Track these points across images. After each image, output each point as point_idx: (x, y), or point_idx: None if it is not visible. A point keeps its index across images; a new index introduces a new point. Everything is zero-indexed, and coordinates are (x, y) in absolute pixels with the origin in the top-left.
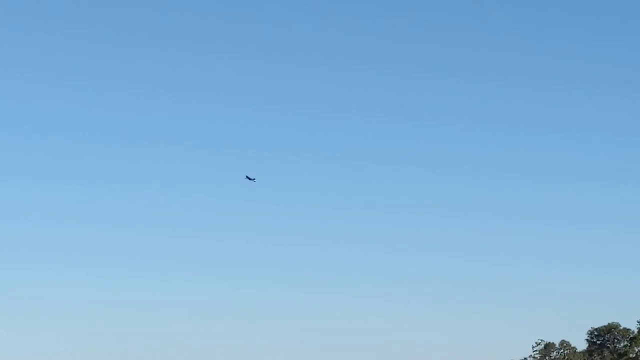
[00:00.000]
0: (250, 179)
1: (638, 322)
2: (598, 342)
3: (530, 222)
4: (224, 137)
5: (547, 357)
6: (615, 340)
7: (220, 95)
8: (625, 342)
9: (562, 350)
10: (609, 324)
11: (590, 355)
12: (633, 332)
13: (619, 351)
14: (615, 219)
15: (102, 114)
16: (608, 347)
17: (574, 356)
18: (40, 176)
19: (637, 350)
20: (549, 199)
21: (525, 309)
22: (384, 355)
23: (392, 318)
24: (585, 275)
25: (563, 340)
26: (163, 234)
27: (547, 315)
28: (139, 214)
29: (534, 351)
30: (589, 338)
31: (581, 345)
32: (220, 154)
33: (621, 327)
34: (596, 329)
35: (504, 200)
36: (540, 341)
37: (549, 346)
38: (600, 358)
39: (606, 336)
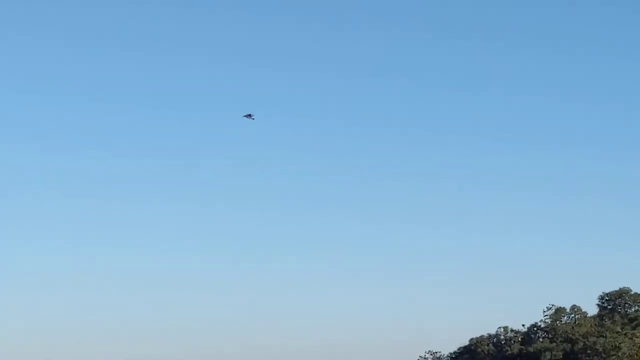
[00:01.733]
0: (249, 116)
1: None
2: (609, 307)
3: (542, 190)
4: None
5: (557, 322)
6: (626, 305)
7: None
8: (636, 307)
9: (572, 315)
10: (620, 288)
11: (601, 320)
12: None
13: (629, 316)
14: (625, 187)
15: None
16: (619, 312)
17: (584, 321)
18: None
19: None
20: (561, 168)
21: (537, 274)
22: (405, 320)
23: (409, 287)
24: (597, 240)
25: (574, 305)
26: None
27: (558, 280)
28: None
29: (544, 316)
30: (599, 303)
31: (592, 310)
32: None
33: (632, 292)
34: (607, 294)
35: (515, 169)
36: (551, 306)
37: (559, 311)
38: (611, 323)
39: (617, 301)
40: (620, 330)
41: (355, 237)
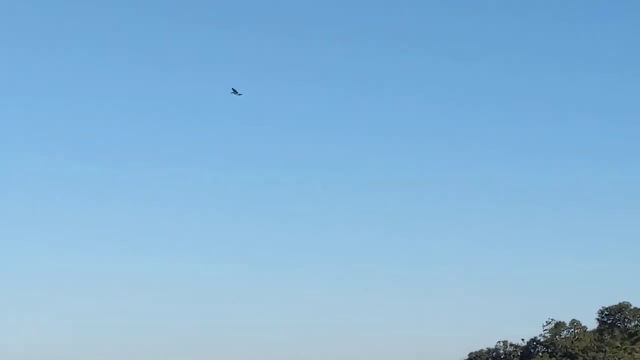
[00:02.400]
0: (236, 92)
1: None
2: (609, 321)
3: (542, 203)
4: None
5: (557, 336)
6: (626, 320)
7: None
8: (636, 322)
9: (572, 330)
10: (619, 303)
11: (601, 334)
12: None
13: (629, 331)
14: (625, 200)
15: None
16: (619, 326)
17: (584, 335)
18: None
19: None
20: (561, 180)
21: (536, 287)
22: (403, 333)
23: (407, 299)
24: (597, 254)
25: (574, 320)
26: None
27: (558, 294)
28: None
29: (544, 330)
30: (599, 317)
31: (592, 324)
32: None
33: (632, 307)
34: (607, 309)
35: (514, 181)
36: (550, 320)
37: (559, 325)
38: (611, 338)
39: (617, 316)
40: (619, 345)
41: (355, 246)
